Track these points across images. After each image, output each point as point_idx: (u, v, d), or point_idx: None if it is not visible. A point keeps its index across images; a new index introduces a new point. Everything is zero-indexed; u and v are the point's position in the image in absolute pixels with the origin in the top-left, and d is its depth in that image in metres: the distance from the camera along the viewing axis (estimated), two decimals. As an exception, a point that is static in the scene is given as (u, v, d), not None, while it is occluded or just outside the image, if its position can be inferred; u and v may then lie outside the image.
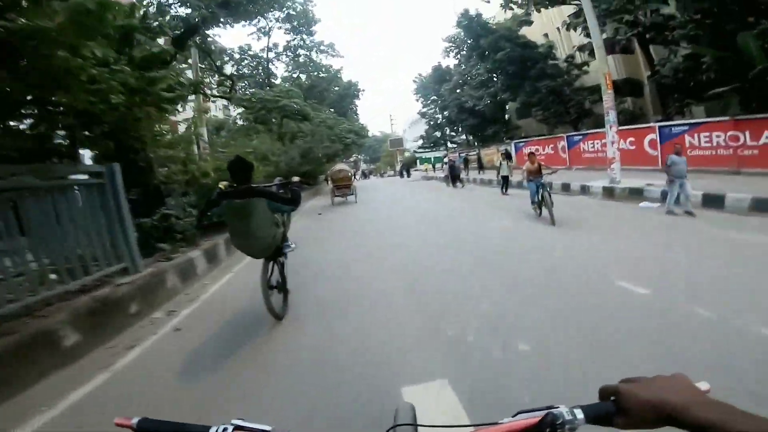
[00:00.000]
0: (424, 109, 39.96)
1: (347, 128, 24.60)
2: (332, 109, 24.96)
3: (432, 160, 52.16)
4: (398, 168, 43.83)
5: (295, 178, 4.52)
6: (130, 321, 4.03)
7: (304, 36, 20.21)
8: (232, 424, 0.59)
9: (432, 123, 39.53)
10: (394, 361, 2.77)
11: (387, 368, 2.66)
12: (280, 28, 18.69)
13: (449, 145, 40.53)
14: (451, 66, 33.79)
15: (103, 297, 3.79)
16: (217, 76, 18.34)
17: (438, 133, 39.79)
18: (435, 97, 37.83)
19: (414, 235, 7.97)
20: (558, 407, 0.54)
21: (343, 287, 4.84)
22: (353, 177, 17.19)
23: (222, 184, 3.76)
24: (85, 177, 4.62)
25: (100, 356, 3.34)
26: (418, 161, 55.50)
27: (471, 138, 32.26)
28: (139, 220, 6.59)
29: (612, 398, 0.53)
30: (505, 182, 13.42)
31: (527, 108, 24.72)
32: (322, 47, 22.84)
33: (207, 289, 5.48)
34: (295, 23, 18.90)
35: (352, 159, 65.67)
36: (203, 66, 16.20)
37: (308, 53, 22.12)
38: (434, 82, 36.68)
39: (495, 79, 25.86)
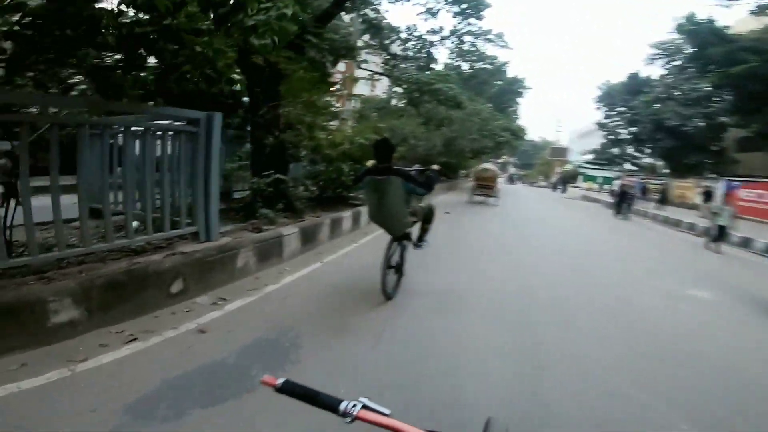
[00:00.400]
0: (605, 120, 33.71)
1: (503, 125, 21.75)
2: (490, 105, 22.44)
3: (598, 179, 44.95)
4: (554, 180, 38.57)
5: (435, 167, 4.62)
6: (164, 302, 3.29)
7: (472, 20, 18.08)
8: (360, 402, 0.64)
9: (612, 137, 33.13)
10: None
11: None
12: (448, 11, 17.00)
13: (627, 166, 33.50)
14: (653, 76, 27.38)
15: (138, 267, 3.08)
16: (383, 53, 18.01)
17: (616, 150, 33.14)
18: (623, 109, 31.49)
19: (558, 279, 5.57)
20: None
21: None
22: (498, 179, 16.27)
23: (369, 162, 4.00)
24: (181, 123, 4.04)
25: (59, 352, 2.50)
26: (580, 177, 48.54)
27: (661, 163, 25.52)
28: (253, 180, 6.35)
29: None
30: (721, 233, 9.37)
31: (760, 139, 17.97)
32: (489, 36, 20.43)
33: (281, 278, 4.54)
34: (464, 5, 16.97)
35: (500, 160, 61.69)
36: (373, 43, 15.83)
37: (474, 40, 19.91)
38: (626, 92, 30.46)
39: (718, 98, 19.58)
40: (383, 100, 17.25)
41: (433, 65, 15.63)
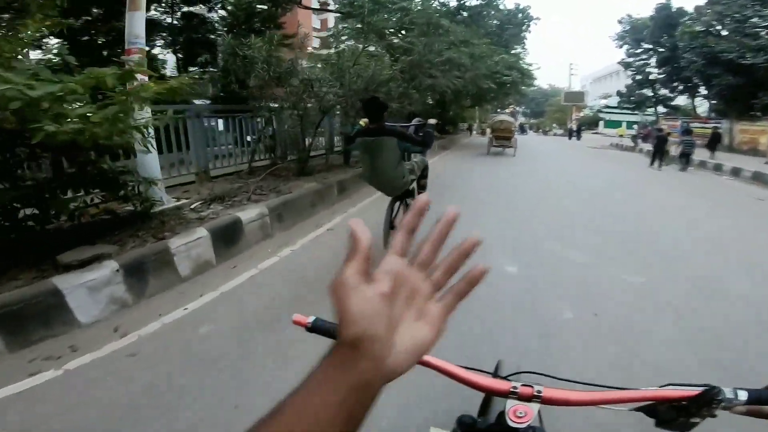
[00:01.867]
0: (630, 59, 30.25)
1: (507, 62, 17.51)
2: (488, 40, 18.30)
3: (622, 124, 41.89)
4: (572, 126, 35.45)
5: (432, 121, 4.65)
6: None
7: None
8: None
9: (639, 78, 29.84)
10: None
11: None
12: None
13: (659, 109, 30.47)
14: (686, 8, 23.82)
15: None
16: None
17: (647, 91, 29.93)
18: (649, 46, 28.07)
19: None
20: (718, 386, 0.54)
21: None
22: (515, 130, 16.77)
23: (362, 122, 3.83)
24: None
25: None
26: (601, 123, 45.43)
27: (716, 103, 22.31)
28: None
29: None
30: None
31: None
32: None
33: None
34: None
35: (508, 110, 58.11)
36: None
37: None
38: (655, 27, 26.84)
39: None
40: (331, 36, 13.18)
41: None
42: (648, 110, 33.34)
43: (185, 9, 11.45)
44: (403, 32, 9.30)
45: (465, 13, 20.99)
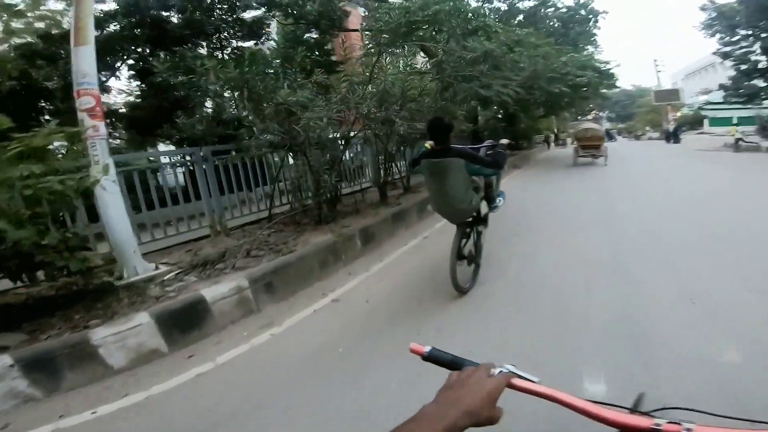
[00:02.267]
0: (727, 48, 25.53)
1: (578, 61, 14.71)
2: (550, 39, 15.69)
3: (733, 120, 35.41)
4: (670, 128, 30.48)
5: (504, 141, 4.45)
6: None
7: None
8: (506, 368, 0.65)
9: (744, 68, 24.98)
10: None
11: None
12: None
13: None
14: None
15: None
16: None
17: (760, 81, 24.84)
18: (748, 32, 23.43)
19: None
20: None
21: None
22: (604, 138, 15.60)
23: (428, 144, 3.59)
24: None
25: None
26: (705, 122, 39.11)
27: None
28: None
29: None
30: None
31: None
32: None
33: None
34: None
35: (590, 116, 53.17)
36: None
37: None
38: (750, 9, 22.34)
39: None
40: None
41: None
42: (764, 102, 27.81)
43: (235, 44, 11.42)
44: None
45: (519, 17, 19.23)
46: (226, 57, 10.44)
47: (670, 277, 3.59)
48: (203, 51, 10.66)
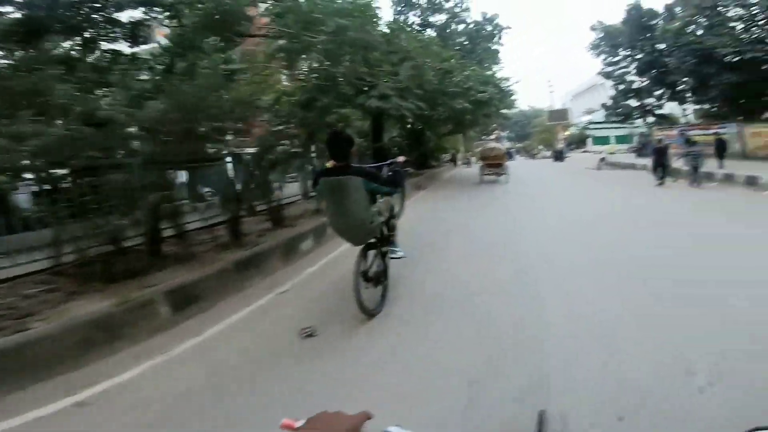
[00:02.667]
0: (609, 69, 28.94)
1: (481, 76, 14.88)
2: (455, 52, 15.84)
3: (610, 140, 40.11)
4: (560, 147, 33.51)
5: (401, 158, 4.41)
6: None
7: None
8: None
9: (622, 87, 28.39)
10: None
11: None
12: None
13: (649, 119, 28.70)
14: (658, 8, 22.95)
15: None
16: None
17: (635, 102, 28.28)
18: (627, 53, 26.80)
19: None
20: None
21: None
22: (506, 157, 16.48)
23: (329, 163, 3.43)
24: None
25: None
26: (589, 140, 43.84)
27: (716, 106, 20.33)
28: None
29: None
30: None
31: None
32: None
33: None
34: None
35: (492, 136, 56.69)
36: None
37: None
38: (631, 31, 25.67)
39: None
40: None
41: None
42: (636, 122, 31.74)
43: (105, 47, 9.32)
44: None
45: (430, 31, 19.55)
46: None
47: (562, 298, 3.63)
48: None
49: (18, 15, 8.17)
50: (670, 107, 27.93)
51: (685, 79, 19.01)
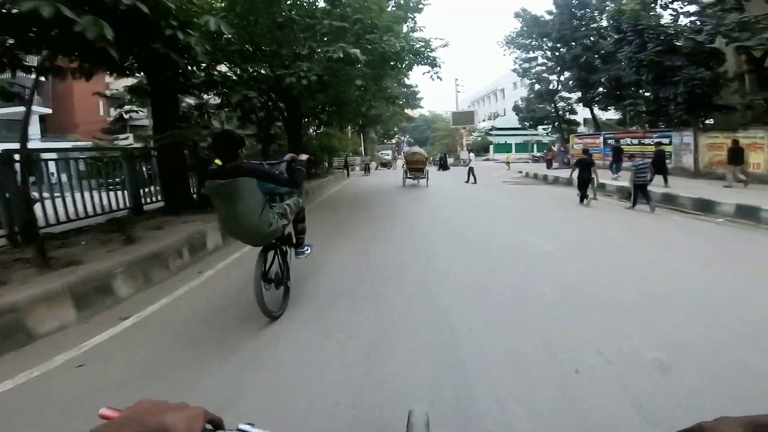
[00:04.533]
0: (526, 65, 25.22)
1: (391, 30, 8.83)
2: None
3: (513, 148, 38.01)
4: (464, 154, 28.25)
5: (303, 156, 3.88)
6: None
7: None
8: (239, 430, 0.58)
9: (538, 88, 24.85)
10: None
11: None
12: None
13: (558, 125, 25.62)
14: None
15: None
16: None
17: (551, 106, 24.85)
18: (550, 45, 23.21)
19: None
20: None
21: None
22: (426, 162, 16.66)
23: (217, 161, 3.17)
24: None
25: None
26: (491, 147, 41.41)
27: (679, 106, 16.60)
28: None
29: None
30: None
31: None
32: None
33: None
34: None
35: (393, 141, 51.89)
36: None
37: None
38: (562, 18, 21.96)
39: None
40: None
41: None
42: (540, 128, 29.08)
43: None
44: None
45: None
46: None
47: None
48: None
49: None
50: (584, 114, 25.37)
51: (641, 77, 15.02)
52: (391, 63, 8.61)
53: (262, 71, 5.95)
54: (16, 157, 4.63)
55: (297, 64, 6.26)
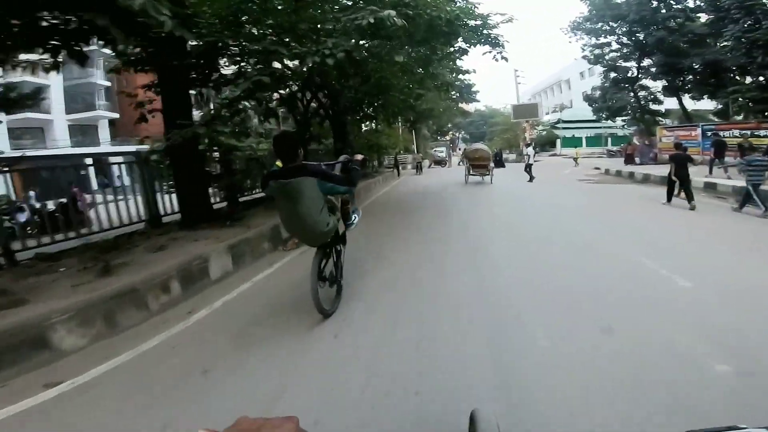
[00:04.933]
0: (598, 50, 22.20)
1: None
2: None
3: (583, 141, 34.36)
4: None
5: (358, 156, 3.99)
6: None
7: None
8: None
9: (614, 76, 21.79)
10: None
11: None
12: None
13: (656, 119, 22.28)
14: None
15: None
16: None
17: (631, 95, 21.63)
18: (625, 28, 20.18)
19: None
20: (744, 428, 0.54)
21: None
22: (491, 158, 15.97)
23: (278, 163, 3.48)
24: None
25: None
26: (557, 142, 38.03)
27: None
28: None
29: None
30: None
31: None
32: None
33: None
34: None
35: (447, 137, 49.75)
36: None
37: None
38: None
39: None
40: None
41: None
42: (618, 119, 25.72)
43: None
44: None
45: None
46: None
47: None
48: None
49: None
50: (669, 104, 21.91)
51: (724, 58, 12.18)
52: (442, 37, 7.07)
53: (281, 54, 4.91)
54: None
55: (321, 41, 5.09)
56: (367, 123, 17.40)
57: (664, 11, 18.24)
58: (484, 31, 8.35)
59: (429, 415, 1.96)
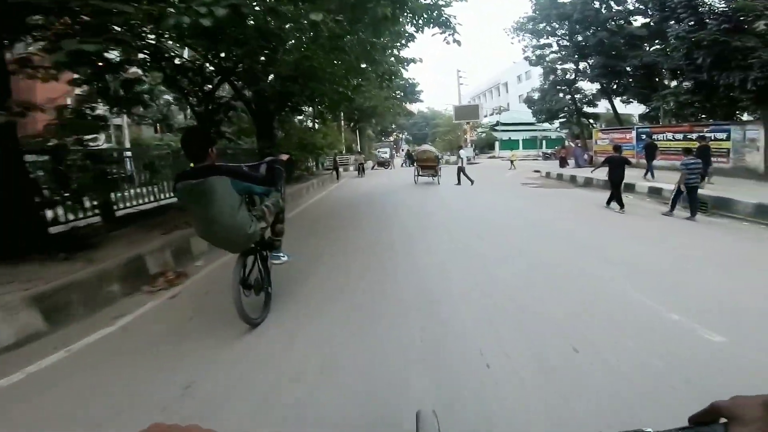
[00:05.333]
0: (539, 51, 22.15)
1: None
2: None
3: (520, 144, 34.85)
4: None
5: (283, 156, 3.76)
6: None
7: None
8: None
9: (557, 75, 21.82)
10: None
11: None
12: None
13: (585, 123, 22.61)
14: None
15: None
16: None
17: (569, 97, 21.77)
18: (565, 30, 20.27)
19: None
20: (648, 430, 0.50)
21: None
22: (438, 159, 16.11)
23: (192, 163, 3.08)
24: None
25: None
26: (497, 144, 38.30)
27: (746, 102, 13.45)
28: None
29: (722, 420, 0.48)
30: None
31: None
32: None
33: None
34: None
35: (391, 138, 48.86)
36: None
37: None
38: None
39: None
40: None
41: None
42: (556, 122, 26.16)
43: None
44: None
45: None
46: None
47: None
48: None
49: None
50: (602, 107, 22.42)
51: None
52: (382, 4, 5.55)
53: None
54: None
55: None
56: (298, 118, 15.50)
57: (605, 12, 18.39)
58: (435, 12, 7.04)
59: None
